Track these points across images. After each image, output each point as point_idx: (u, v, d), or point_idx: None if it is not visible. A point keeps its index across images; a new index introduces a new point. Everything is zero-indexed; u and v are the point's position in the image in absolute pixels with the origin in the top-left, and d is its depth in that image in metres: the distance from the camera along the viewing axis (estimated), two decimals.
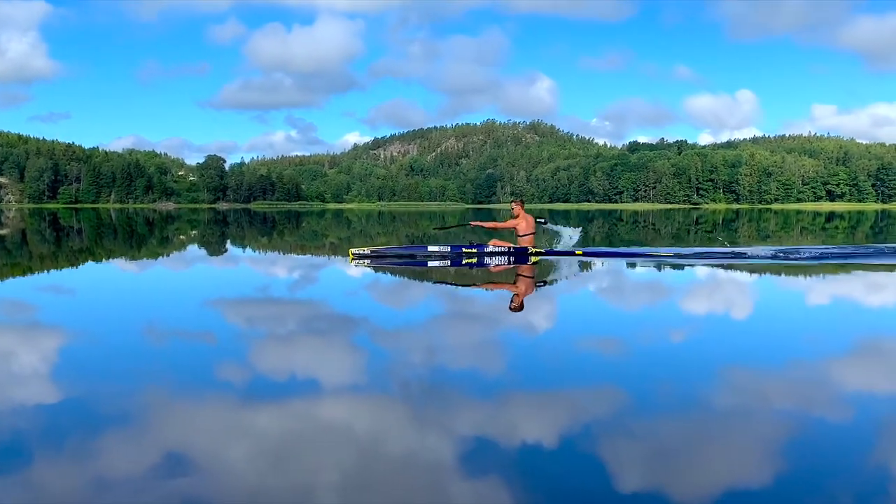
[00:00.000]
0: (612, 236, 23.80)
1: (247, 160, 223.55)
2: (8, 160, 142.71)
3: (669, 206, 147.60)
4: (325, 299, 8.15)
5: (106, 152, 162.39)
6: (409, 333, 5.77)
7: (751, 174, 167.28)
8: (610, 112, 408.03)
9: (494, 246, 12.34)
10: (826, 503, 2.55)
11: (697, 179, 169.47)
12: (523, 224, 12.57)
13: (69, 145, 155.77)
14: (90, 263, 12.84)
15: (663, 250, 13.26)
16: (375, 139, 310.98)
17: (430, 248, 12.49)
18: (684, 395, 3.87)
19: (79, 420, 3.45)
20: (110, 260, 13.76)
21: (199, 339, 5.47)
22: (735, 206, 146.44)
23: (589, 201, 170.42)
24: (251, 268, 12.33)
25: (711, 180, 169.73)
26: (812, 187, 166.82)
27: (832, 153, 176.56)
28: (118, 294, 8.50)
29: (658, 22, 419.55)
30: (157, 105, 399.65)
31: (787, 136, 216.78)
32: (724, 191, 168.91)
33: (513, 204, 13.05)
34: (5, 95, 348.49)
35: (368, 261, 11.59)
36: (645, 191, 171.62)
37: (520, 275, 10.08)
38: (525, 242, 12.43)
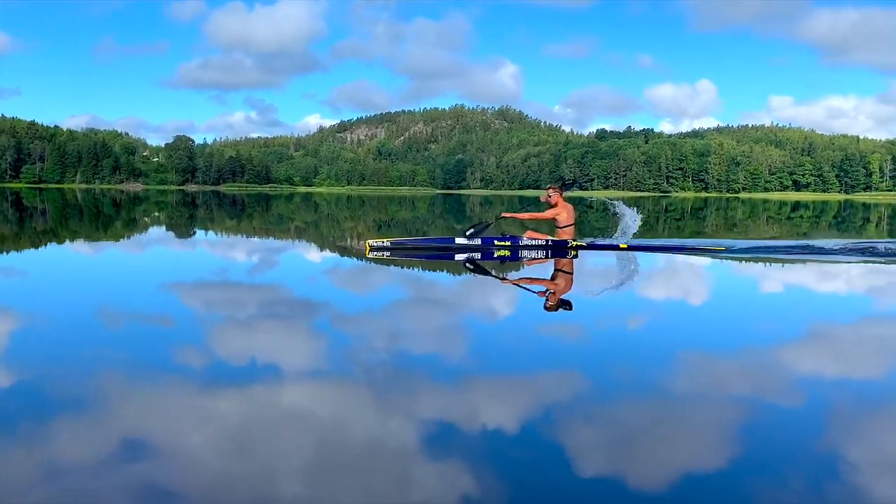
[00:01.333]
0: (581, 223, 23.86)
1: (209, 141, 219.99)
2: None
3: (639, 193, 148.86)
4: (291, 285, 8.07)
5: (70, 131, 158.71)
6: (379, 319, 5.71)
7: (719, 163, 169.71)
8: (573, 99, 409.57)
9: (530, 238, 11.06)
10: (780, 484, 2.59)
11: (667, 168, 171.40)
12: (564, 214, 11.23)
13: (32, 123, 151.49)
14: (52, 245, 12.56)
15: (718, 242, 12.05)
16: (342, 122, 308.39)
17: (459, 241, 11.09)
18: (648, 382, 3.89)
19: (32, 405, 3.36)
20: (74, 242, 13.46)
21: (159, 323, 5.36)
22: (704, 194, 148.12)
23: None
24: (220, 252, 12.10)
25: (681, 169, 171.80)
26: (779, 177, 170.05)
27: (797, 144, 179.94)
28: (80, 277, 8.34)
29: (623, 11, 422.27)
30: (114, 83, 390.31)
31: (751, 125, 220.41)
32: (693, 179, 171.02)
33: (549, 190, 11.47)
34: None
35: (387, 253, 10.43)
36: (615, 178, 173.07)
37: (558, 270, 9.28)
38: (565, 234, 11.18)
